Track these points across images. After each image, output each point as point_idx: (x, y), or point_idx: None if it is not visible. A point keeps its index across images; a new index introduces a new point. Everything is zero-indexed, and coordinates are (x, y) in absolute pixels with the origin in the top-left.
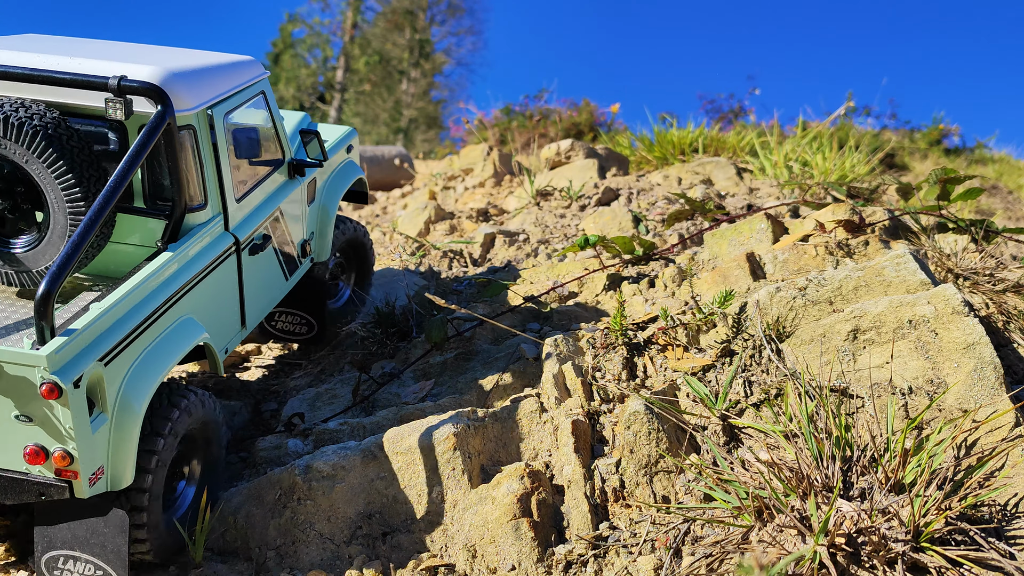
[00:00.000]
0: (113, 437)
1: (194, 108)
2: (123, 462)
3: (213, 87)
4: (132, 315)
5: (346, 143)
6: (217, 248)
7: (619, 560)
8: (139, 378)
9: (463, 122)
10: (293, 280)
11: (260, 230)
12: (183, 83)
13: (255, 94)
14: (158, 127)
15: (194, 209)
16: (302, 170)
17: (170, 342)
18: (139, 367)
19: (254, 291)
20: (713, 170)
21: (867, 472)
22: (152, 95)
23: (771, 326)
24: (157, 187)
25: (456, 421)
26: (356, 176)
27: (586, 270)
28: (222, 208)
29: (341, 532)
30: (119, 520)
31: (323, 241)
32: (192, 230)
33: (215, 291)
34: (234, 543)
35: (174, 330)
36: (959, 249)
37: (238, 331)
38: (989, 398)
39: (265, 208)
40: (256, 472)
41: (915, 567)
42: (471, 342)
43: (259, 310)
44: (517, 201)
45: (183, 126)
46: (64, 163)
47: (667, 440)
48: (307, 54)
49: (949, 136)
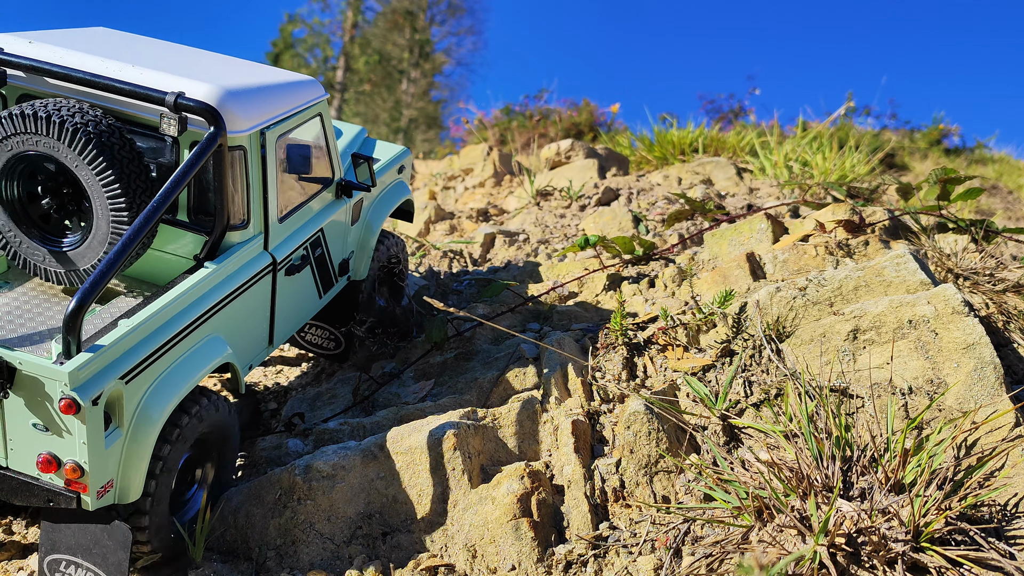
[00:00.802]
0: (126, 451)
1: (247, 130)
2: (133, 477)
3: (269, 108)
4: (160, 333)
5: (398, 163)
6: (254, 267)
7: (619, 560)
8: (159, 395)
9: (463, 122)
10: (327, 298)
11: (299, 251)
12: (239, 103)
13: (311, 116)
14: (208, 148)
15: (236, 228)
16: (349, 191)
17: (194, 360)
18: (160, 384)
19: (285, 310)
20: (713, 170)
21: (867, 472)
22: (206, 116)
23: (771, 326)
24: (202, 202)
25: (456, 421)
26: (403, 197)
27: (586, 270)
28: (264, 227)
29: (341, 532)
30: (122, 534)
31: (362, 259)
32: (231, 248)
33: (246, 310)
34: (234, 543)
35: (200, 348)
36: (959, 249)
37: (264, 348)
38: (989, 398)
39: (307, 229)
40: (256, 472)
41: (915, 567)
42: (471, 342)
43: (288, 328)
44: (517, 201)
45: (234, 147)
46: (112, 172)
47: (667, 440)
48: (307, 54)
49: (949, 136)
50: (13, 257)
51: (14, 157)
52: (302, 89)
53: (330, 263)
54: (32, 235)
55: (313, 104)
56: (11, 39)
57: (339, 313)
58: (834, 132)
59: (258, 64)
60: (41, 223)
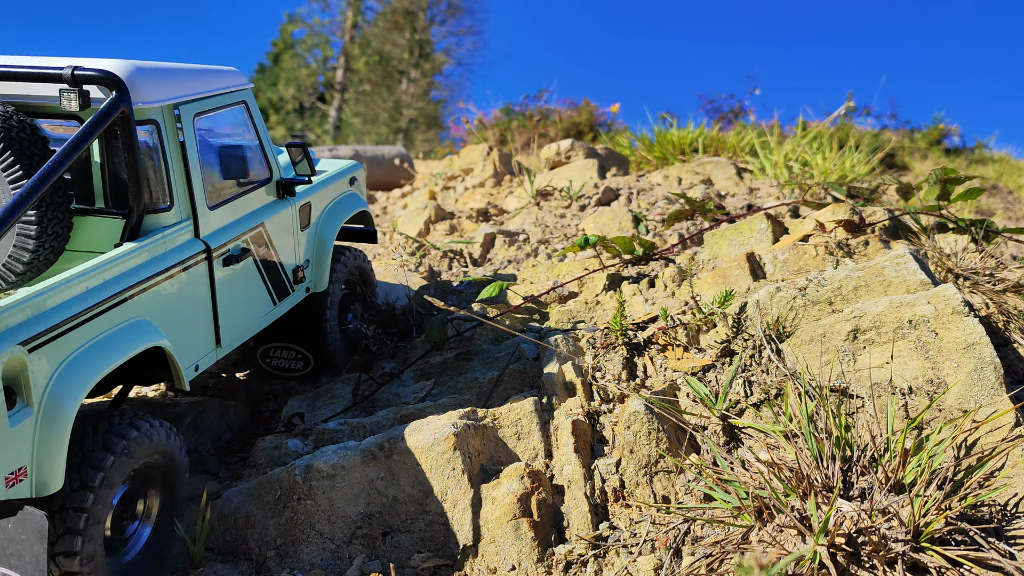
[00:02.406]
0: (39, 435)
1: (158, 102)
2: (50, 465)
3: (183, 86)
4: (70, 304)
5: (349, 174)
6: (183, 252)
7: (619, 560)
8: (73, 374)
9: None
10: (283, 307)
11: (238, 243)
12: (146, 76)
13: (233, 102)
14: (110, 112)
15: (158, 210)
16: (292, 191)
17: (116, 341)
18: (74, 362)
19: (231, 308)
20: (713, 170)
21: (867, 472)
22: (108, 83)
23: (771, 326)
24: (118, 186)
25: (456, 421)
26: (358, 208)
27: (586, 270)
28: (191, 213)
29: (341, 532)
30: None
31: (320, 270)
32: (154, 231)
33: (180, 298)
34: (234, 543)
35: (124, 330)
36: (959, 249)
37: (212, 349)
38: (989, 398)
39: (245, 222)
40: (256, 472)
41: (915, 567)
42: (471, 342)
43: (239, 330)
44: (517, 201)
45: (145, 120)
46: (12, 155)
47: (667, 440)
48: (307, 54)
49: (949, 136)
50: None
51: None
52: (222, 75)
53: (280, 267)
54: None
55: (235, 90)
56: None
57: (303, 331)
58: (834, 132)
59: None
60: None
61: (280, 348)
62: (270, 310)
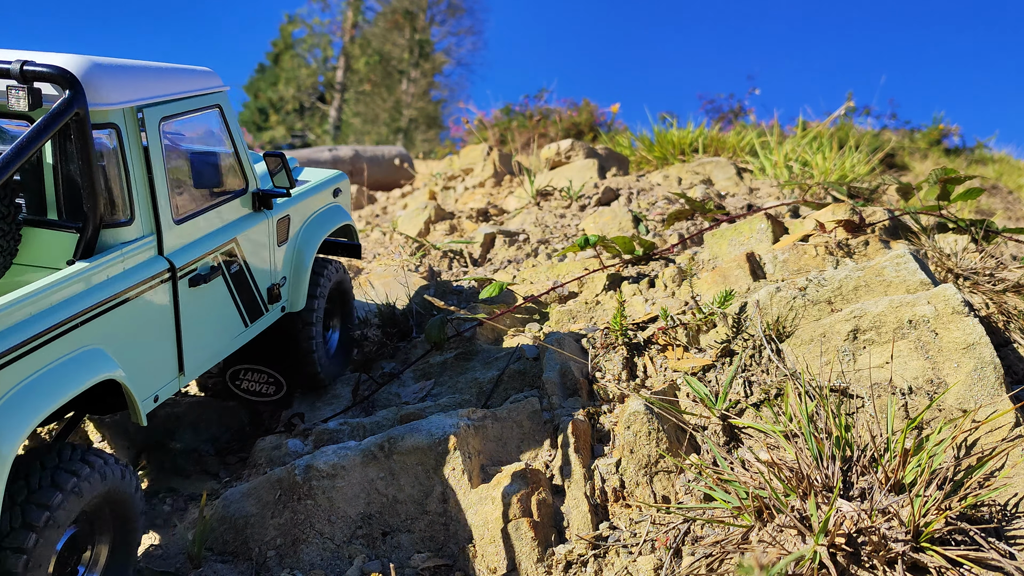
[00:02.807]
0: None
1: (118, 104)
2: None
3: (148, 87)
4: (11, 332)
5: (332, 185)
6: (144, 272)
7: (619, 560)
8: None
9: (463, 122)
10: (256, 328)
11: (207, 260)
12: (106, 74)
13: (206, 106)
14: (63, 113)
15: (116, 224)
16: (269, 203)
17: (64, 373)
18: (16, 397)
19: (197, 332)
20: (713, 170)
21: (867, 472)
22: (61, 81)
23: (771, 326)
24: (73, 197)
25: (456, 421)
26: (341, 221)
27: (586, 270)
28: (155, 227)
29: (341, 532)
30: None
31: (297, 288)
32: (112, 248)
33: (140, 323)
34: (234, 543)
35: (72, 360)
36: (959, 249)
37: (174, 377)
38: (989, 398)
39: (216, 237)
40: (256, 472)
41: (915, 567)
42: (471, 342)
43: (205, 356)
44: (517, 201)
45: (103, 124)
46: None
47: (667, 440)
48: (307, 54)
49: (949, 136)
50: None
51: None
52: (193, 76)
53: (254, 286)
54: None
55: (207, 92)
56: None
57: (278, 352)
58: (834, 132)
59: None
60: None
61: (250, 371)
62: (240, 332)
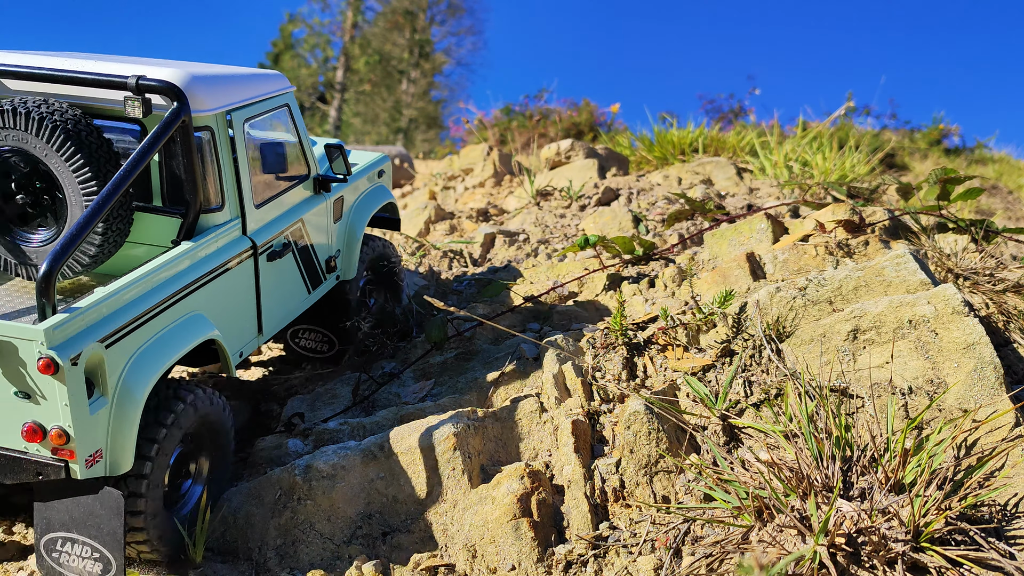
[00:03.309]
0: (113, 422)
1: (213, 110)
2: (122, 447)
3: (234, 93)
4: (138, 302)
5: (377, 167)
6: (233, 249)
7: (619, 560)
8: (142, 365)
9: (463, 122)
10: (316, 295)
11: (280, 238)
12: (203, 85)
13: (278, 106)
14: (172, 123)
15: (210, 210)
16: (328, 186)
17: (177, 334)
18: (143, 354)
19: (272, 298)
20: (713, 170)
21: (867, 472)
22: (169, 93)
23: (771, 326)
24: (175, 186)
25: (456, 421)
26: (386, 200)
27: (586, 270)
28: (240, 212)
29: (341, 532)
30: (114, 501)
31: (349, 259)
32: (208, 230)
33: (230, 292)
34: (234, 543)
35: (182, 324)
36: (959, 249)
37: (254, 336)
38: (989, 398)
39: (286, 218)
40: (256, 472)
41: (915, 567)
42: (471, 342)
43: (278, 318)
44: (517, 201)
45: (201, 127)
46: (82, 157)
47: (667, 440)
48: (307, 54)
49: (949, 136)
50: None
51: None
52: (268, 80)
53: (315, 258)
54: (9, 234)
55: (279, 94)
56: None
57: (330, 315)
58: (834, 132)
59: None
60: (17, 221)
61: (309, 330)
62: (305, 297)
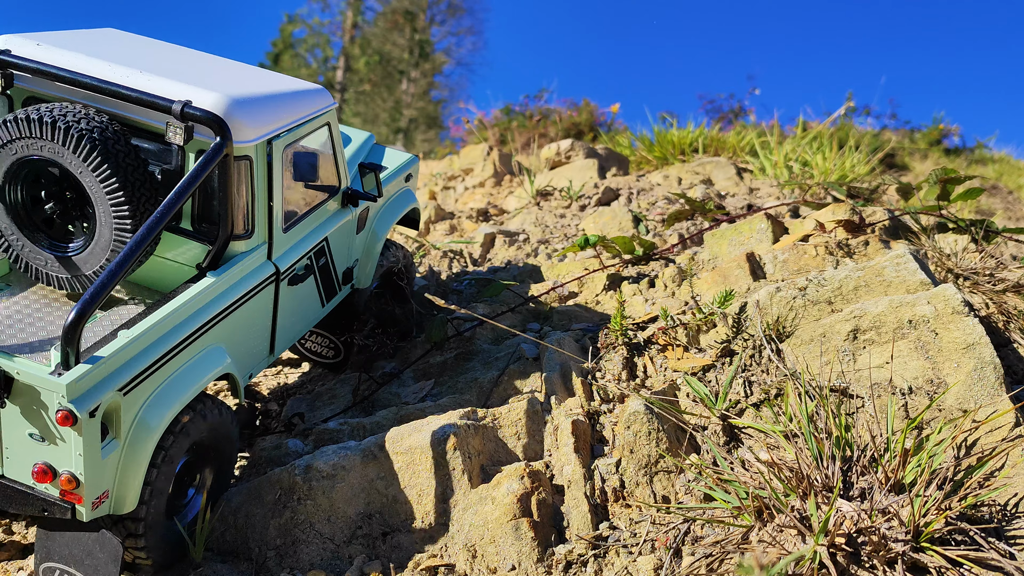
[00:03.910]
0: (123, 462)
1: (253, 140)
2: (129, 488)
3: (276, 117)
4: (160, 344)
5: (406, 171)
6: (256, 277)
7: (619, 560)
8: (157, 406)
9: (463, 122)
10: (330, 306)
11: (303, 260)
12: (245, 113)
13: (319, 126)
14: (214, 159)
15: (240, 237)
16: (356, 202)
17: (193, 371)
18: (159, 396)
19: (288, 319)
20: (713, 170)
21: (867, 472)
22: (213, 126)
23: (771, 326)
24: (206, 211)
25: (456, 421)
26: (410, 205)
27: (586, 270)
28: (268, 237)
29: (341, 532)
30: (113, 548)
31: (367, 268)
32: (235, 258)
33: (248, 320)
34: (234, 543)
35: (200, 359)
36: (959, 249)
37: (265, 357)
38: (989, 398)
39: (311, 238)
40: (256, 472)
41: (915, 567)
42: (471, 342)
43: (290, 337)
44: (517, 201)
45: (240, 156)
46: (116, 179)
47: (667, 440)
48: (307, 54)
49: (949, 136)
50: (15, 260)
51: (18, 161)
52: (311, 98)
53: (334, 272)
54: (35, 239)
55: (322, 113)
56: (19, 41)
57: (339, 321)
58: (834, 132)
59: (267, 71)
60: (45, 227)
61: (316, 334)
62: (319, 311)
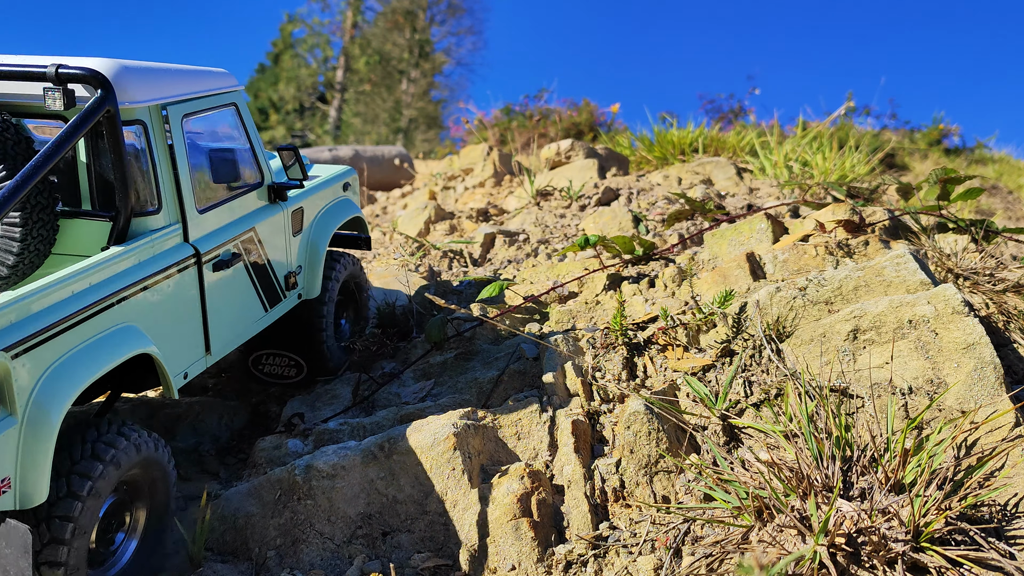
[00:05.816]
0: (23, 445)
1: (144, 102)
2: (35, 475)
3: (170, 86)
4: (55, 309)
5: (342, 180)
6: (172, 256)
7: (619, 560)
8: (58, 381)
9: (463, 122)
10: (275, 313)
11: (228, 247)
12: (133, 75)
13: (223, 104)
14: (95, 112)
15: (145, 213)
16: (284, 195)
17: (102, 348)
18: (60, 368)
19: (222, 315)
20: (713, 170)
21: (867, 472)
22: (93, 82)
23: (771, 326)
24: (104, 188)
25: (456, 421)
26: (352, 214)
27: (586, 270)
28: (180, 216)
29: (341, 532)
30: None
31: (312, 276)
32: (142, 235)
33: (170, 304)
34: (234, 543)
35: (109, 336)
36: (959, 249)
37: (201, 356)
38: (989, 398)
39: (236, 226)
40: (256, 472)
41: (915, 567)
42: (471, 342)
43: (229, 336)
44: (517, 201)
45: (131, 120)
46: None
47: (667, 440)
48: (307, 54)
49: (949, 136)
50: None
51: None
52: (211, 76)
53: (273, 273)
54: None
55: (224, 92)
56: None
57: (297, 337)
58: (834, 132)
59: None
60: None
61: (272, 355)
62: (261, 316)
